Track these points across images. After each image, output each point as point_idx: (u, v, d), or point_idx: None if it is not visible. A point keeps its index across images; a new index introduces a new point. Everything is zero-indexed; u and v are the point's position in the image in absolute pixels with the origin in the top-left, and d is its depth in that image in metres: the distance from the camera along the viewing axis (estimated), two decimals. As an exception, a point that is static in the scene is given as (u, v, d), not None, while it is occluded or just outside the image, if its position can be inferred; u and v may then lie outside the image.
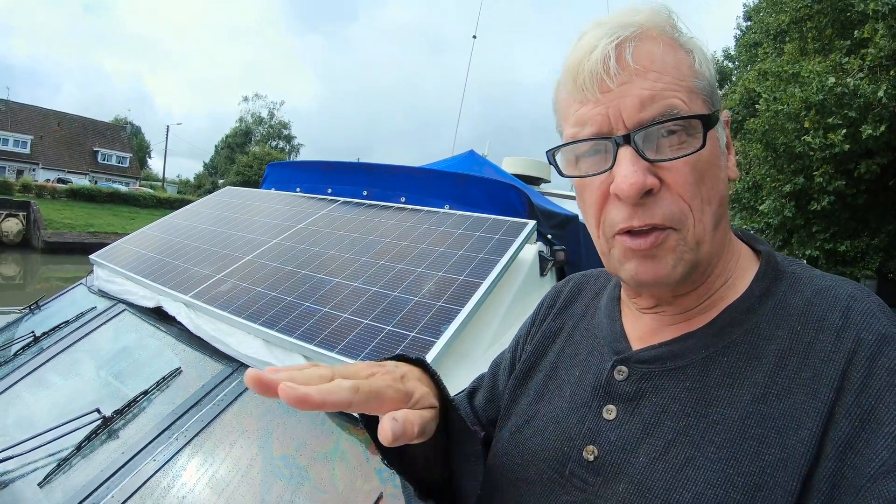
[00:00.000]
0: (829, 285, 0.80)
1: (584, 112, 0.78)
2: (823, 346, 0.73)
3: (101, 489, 1.77)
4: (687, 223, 0.76)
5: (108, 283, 3.03)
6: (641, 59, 0.75)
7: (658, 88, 0.74)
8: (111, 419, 2.02)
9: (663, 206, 0.75)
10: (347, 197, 3.36)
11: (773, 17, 16.71)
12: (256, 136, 71.69)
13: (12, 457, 1.97)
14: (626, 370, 0.86)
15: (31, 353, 2.69)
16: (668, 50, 0.77)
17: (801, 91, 12.20)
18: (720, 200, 0.79)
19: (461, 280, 2.12)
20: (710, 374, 0.78)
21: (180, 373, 2.20)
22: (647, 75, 0.75)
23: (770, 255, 0.87)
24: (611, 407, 0.85)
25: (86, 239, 28.26)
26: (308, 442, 1.78)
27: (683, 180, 0.75)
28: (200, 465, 1.79)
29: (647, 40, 0.77)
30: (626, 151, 0.75)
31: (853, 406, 0.68)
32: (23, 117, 54.81)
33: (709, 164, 0.77)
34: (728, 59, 28.09)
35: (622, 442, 0.81)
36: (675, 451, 0.75)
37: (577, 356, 0.97)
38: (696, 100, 0.77)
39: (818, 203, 13.01)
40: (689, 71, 0.78)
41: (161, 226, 3.62)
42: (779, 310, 0.80)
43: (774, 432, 0.70)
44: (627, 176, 0.74)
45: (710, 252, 0.79)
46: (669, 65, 0.76)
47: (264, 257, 2.70)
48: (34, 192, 33.23)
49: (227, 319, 2.22)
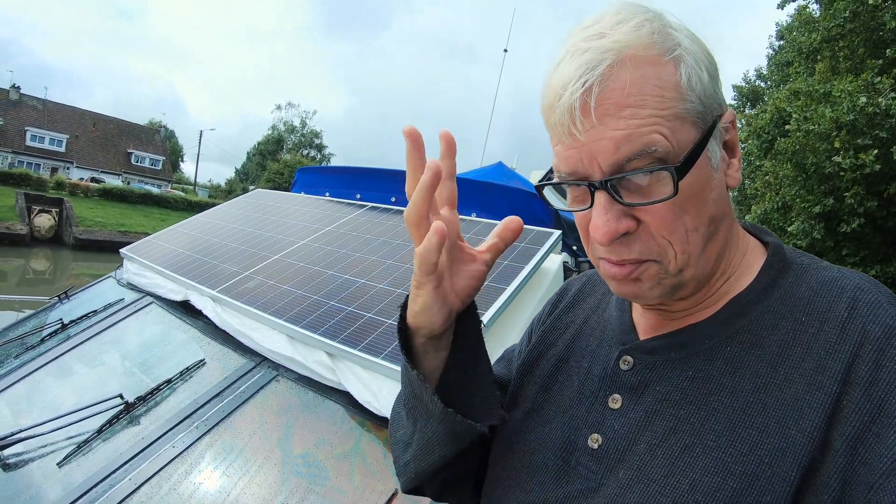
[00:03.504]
0: (836, 276, 0.79)
1: (561, 151, 0.76)
2: (828, 337, 0.72)
3: (118, 472, 1.79)
4: (668, 255, 0.75)
5: (137, 277, 3.08)
6: (614, 99, 0.71)
7: (634, 126, 0.70)
8: (133, 405, 2.05)
9: (640, 244, 0.75)
10: (376, 202, 3.39)
11: (805, 36, 16.54)
12: (288, 145, 72.34)
13: (34, 436, 2.00)
14: (631, 360, 0.86)
15: (59, 340, 2.74)
16: (647, 74, 0.72)
17: (831, 111, 11.96)
18: (710, 220, 0.77)
19: (485, 285, 2.13)
20: (713, 364, 0.78)
21: (204, 364, 2.23)
22: (622, 113, 0.71)
23: (777, 246, 0.86)
24: (616, 396, 0.85)
25: (116, 238, 28.65)
26: (326, 439, 1.79)
27: (660, 222, 0.74)
28: (218, 454, 1.81)
29: (622, 69, 0.71)
30: (601, 197, 0.74)
31: (862, 400, 0.67)
32: (59, 117, 56.04)
33: (691, 197, 0.74)
34: (761, 79, 27.84)
35: (626, 431, 0.81)
36: (675, 439, 0.75)
37: (587, 348, 0.97)
38: (683, 125, 0.73)
39: (848, 225, 12.68)
40: (674, 93, 0.72)
41: (191, 224, 3.68)
42: (784, 300, 0.79)
43: (775, 422, 0.70)
44: (599, 226, 0.73)
45: (696, 273, 0.78)
46: (648, 93, 0.71)
47: (292, 257, 2.73)
48: (68, 190, 33.89)
49: (253, 315, 2.25)
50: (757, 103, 25.62)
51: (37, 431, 2.02)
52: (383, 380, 1.77)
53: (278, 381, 2.04)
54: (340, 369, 1.87)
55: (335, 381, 1.89)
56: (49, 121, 54.25)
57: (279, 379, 2.05)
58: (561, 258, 2.47)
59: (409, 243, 2.64)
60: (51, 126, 53.76)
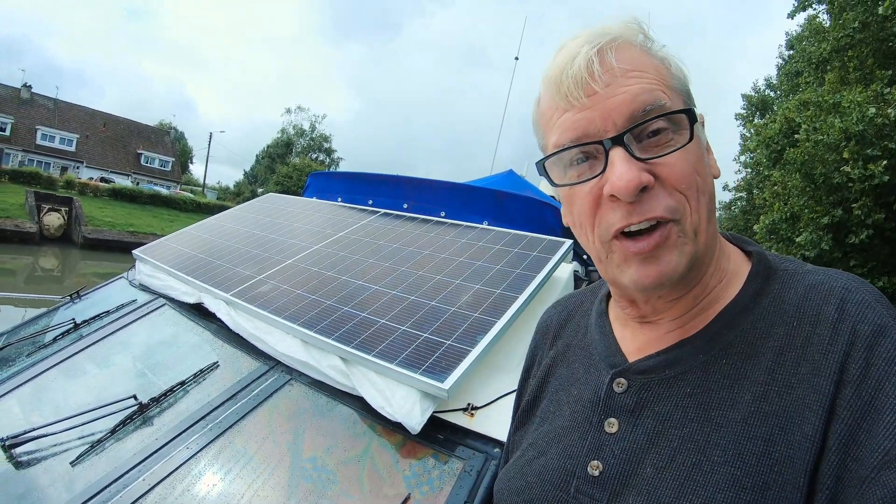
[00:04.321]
0: (823, 279, 0.80)
1: (569, 118, 0.79)
2: (821, 339, 0.73)
3: (132, 472, 1.80)
4: (685, 213, 0.77)
5: (149, 278, 3.10)
6: (623, 61, 0.78)
7: (643, 84, 0.77)
8: (147, 406, 2.06)
9: (660, 199, 0.76)
10: (388, 209, 3.41)
11: (814, 46, 16.53)
12: (297, 148, 72.46)
13: (47, 435, 2.02)
14: (625, 382, 0.86)
15: (71, 340, 2.75)
16: (644, 52, 0.81)
17: (840, 121, 11.94)
18: (710, 195, 0.81)
19: (498, 293, 2.14)
20: (710, 378, 0.79)
21: (218, 367, 2.24)
22: (630, 74, 0.77)
23: (761, 254, 0.88)
24: (612, 420, 0.85)
25: (125, 238, 28.82)
26: (339, 443, 1.80)
27: (679, 173, 0.76)
28: (231, 456, 1.82)
29: (625, 46, 0.80)
30: (618, 152, 0.76)
31: (853, 398, 0.68)
32: (70, 116, 56.33)
33: (698, 157, 0.79)
34: (770, 89, 27.80)
35: (627, 454, 0.81)
36: (681, 459, 0.75)
37: (573, 375, 0.98)
38: (678, 98, 0.80)
39: (856, 236, 12.61)
40: (668, 73, 0.81)
41: (203, 227, 3.70)
42: (774, 307, 0.80)
43: (779, 430, 0.71)
44: (623, 174, 0.75)
45: (706, 243, 0.80)
46: (649, 65, 0.80)
47: (305, 262, 2.75)
48: (77, 189, 34.09)
49: (267, 318, 2.26)
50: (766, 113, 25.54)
51: (50, 430, 2.03)
52: (396, 385, 1.78)
53: (292, 385, 2.05)
54: (354, 374, 1.89)
55: (349, 386, 1.90)
56: (60, 120, 54.56)
57: (293, 383, 2.06)
58: (571, 267, 2.48)
59: (422, 250, 2.66)
60: (61, 125, 54.08)
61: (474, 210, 3.08)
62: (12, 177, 32.08)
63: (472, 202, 3.11)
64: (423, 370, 1.75)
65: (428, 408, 1.72)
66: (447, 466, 1.60)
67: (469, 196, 3.16)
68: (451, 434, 1.71)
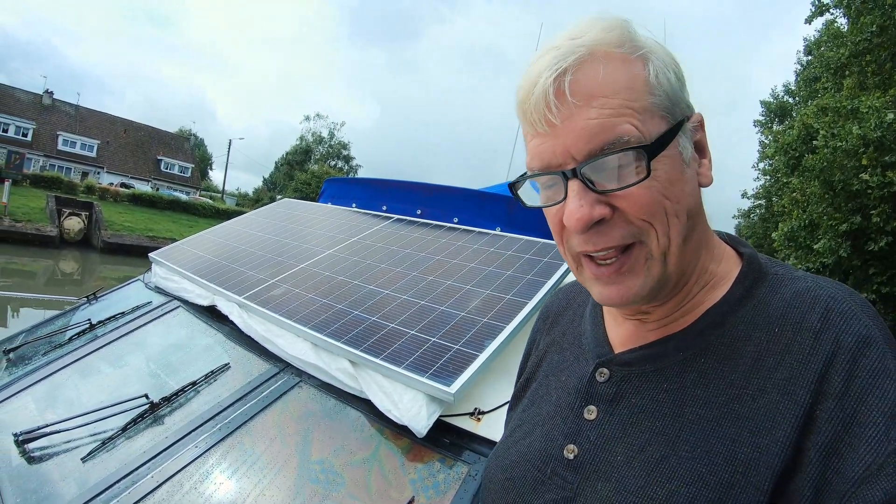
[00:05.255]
0: (810, 286, 0.79)
1: (536, 145, 0.79)
2: (801, 347, 0.73)
3: (141, 469, 1.82)
4: (650, 235, 0.77)
5: (164, 281, 3.14)
6: (586, 87, 0.74)
7: (605, 115, 0.73)
8: (158, 405, 2.09)
9: (617, 230, 0.77)
10: (402, 215, 3.43)
11: (832, 51, 16.37)
12: (316, 155, 72.81)
13: (59, 431, 2.05)
14: (607, 372, 0.88)
15: (86, 339, 2.79)
16: (618, 68, 0.75)
17: (859, 127, 11.79)
18: (689, 212, 0.79)
19: (507, 299, 2.15)
20: (687, 376, 0.79)
21: (228, 368, 2.27)
22: (593, 103, 0.73)
23: (752, 256, 0.87)
24: (591, 407, 0.87)
25: (144, 242, 29.07)
26: (346, 446, 1.81)
27: (639, 205, 0.75)
28: (239, 456, 1.83)
29: (594, 62, 0.75)
30: (574, 185, 0.76)
31: (835, 410, 0.68)
32: (91, 122, 57.10)
33: (668, 183, 0.76)
34: (789, 95, 27.61)
35: (601, 441, 0.83)
36: (651, 450, 0.77)
37: (564, 362, 1.00)
38: (652, 118, 0.76)
39: (875, 244, 12.42)
40: (643, 87, 0.76)
41: (219, 231, 3.74)
42: (758, 311, 0.80)
43: (748, 432, 0.71)
44: (573, 211, 0.76)
45: (678, 265, 0.80)
46: (620, 85, 0.74)
47: (317, 266, 2.77)
48: (97, 194, 34.44)
49: (278, 321, 2.28)
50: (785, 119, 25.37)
51: (62, 427, 2.06)
52: (404, 389, 1.79)
53: (301, 388, 2.07)
54: (363, 377, 1.90)
55: (357, 389, 1.91)
56: (81, 126, 55.33)
57: (302, 385, 2.08)
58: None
59: (434, 256, 2.67)
60: (82, 131, 54.82)
61: (487, 216, 3.08)
62: (34, 181, 32.50)
63: (485, 209, 3.12)
64: (431, 374, 1.76)
65: (434, 412, 1.72)
66: (453, 470, 1.61)
67: (482, 203, 3.17)
68: (458, 438, 1.71)
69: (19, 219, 26.59)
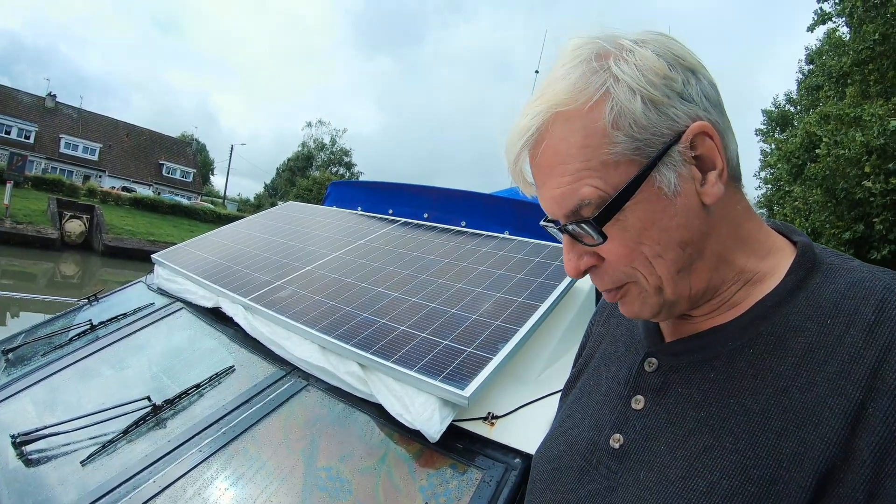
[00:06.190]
0: (865, 277, 0.76)
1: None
2: (854, 341, 0.70)
3: (142, 473, 1.77)
4: (638, 278, 0.80)
5: (167, 282, 3.09)
6: (546, 159, 0.79)
7: (566, 183, 0.76)
8: (160, 408, 2.04)
9: (608, 275, 0.82)
10: (408, 218, 3.38)
11: (834, 59, 16.46)
12: (317, 162, 73.03)
13: (58, 433, 2.00)
14: (655, 361, 0.88)
15: (87, 340, 2.75)
16: (573, 128, 0.75)
17: (861, 135, 11.84)
18: (679, 245, 0.77)
19: (519, 302, 2.10)
20: (736, 366, 0.78)
21: (233, 371, 2.22)
22: (554, 171, 0.78)
23: (806, 246, 0.84)
24: (639, 397, 0.87)
25: (145, 246, 29.00)
26: (355, 451, 1.76)
27: (617, 257, 0.79)
28: (244, 461, 1.79)
29: (554, 126, 0.76)
30: (565, 238, 0.83)
31: (891, 409, 0.64)
32: (93, 126, 57.36)
33: (641, 229, 0.76)
34: (790, 104, 27.78)
35: (647, 430, 0.83)
36: (695, 440, 0.76)
37: (615, 353, 1.01)
38: (616, 168, 0.74)
39: (878, 252, 12.46)
40: (601, 140, 0.74)
41: (222, 233, 3.70)
42: (810, 302, 0.77)
43: (794, 426, 0.69)
44: (565, 262, 0.84)
45: (678, 292, 0.80)
46: (575, 146, 0.75)
47: (324, 269, 2.73)
48: (99, 198, 34.46)
49: (285, 324, 2.23)
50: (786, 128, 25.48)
51: (61, 429, 2.01)
52: (416, 392, 1.74)
53: (308, 391, 2.02)
54: (372, 381, 1.85)
55: (367, 393, 1.86)
56: (83, 129, 55.59)
57: (309, 388, 2.03)
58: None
59: (442, 259, 2.63)
60: (85, 134, 55.07)
61: (495, 220, 3.04)
62: (35, 184, 32.50)
63: (493, 212, 3.08)
64: (444, 377, 1.71)
65: (447, 415, 1.67)
66: (465, 476, 1.56)
67: (490, 206, 3.13)
68: (471, 443, 1.66)
69: (21, 221, 26.63)
